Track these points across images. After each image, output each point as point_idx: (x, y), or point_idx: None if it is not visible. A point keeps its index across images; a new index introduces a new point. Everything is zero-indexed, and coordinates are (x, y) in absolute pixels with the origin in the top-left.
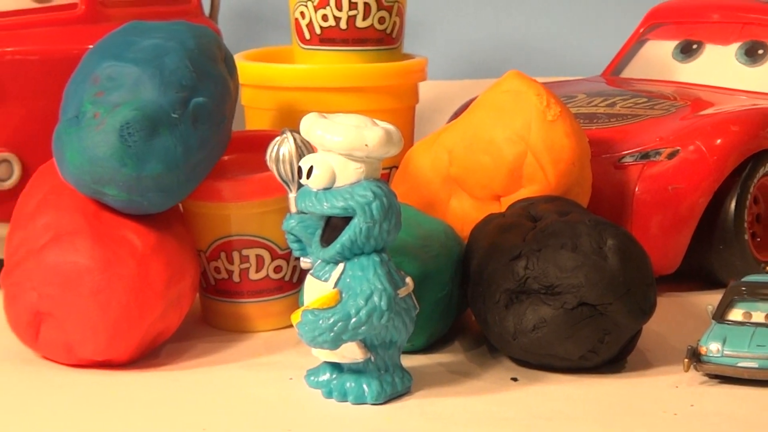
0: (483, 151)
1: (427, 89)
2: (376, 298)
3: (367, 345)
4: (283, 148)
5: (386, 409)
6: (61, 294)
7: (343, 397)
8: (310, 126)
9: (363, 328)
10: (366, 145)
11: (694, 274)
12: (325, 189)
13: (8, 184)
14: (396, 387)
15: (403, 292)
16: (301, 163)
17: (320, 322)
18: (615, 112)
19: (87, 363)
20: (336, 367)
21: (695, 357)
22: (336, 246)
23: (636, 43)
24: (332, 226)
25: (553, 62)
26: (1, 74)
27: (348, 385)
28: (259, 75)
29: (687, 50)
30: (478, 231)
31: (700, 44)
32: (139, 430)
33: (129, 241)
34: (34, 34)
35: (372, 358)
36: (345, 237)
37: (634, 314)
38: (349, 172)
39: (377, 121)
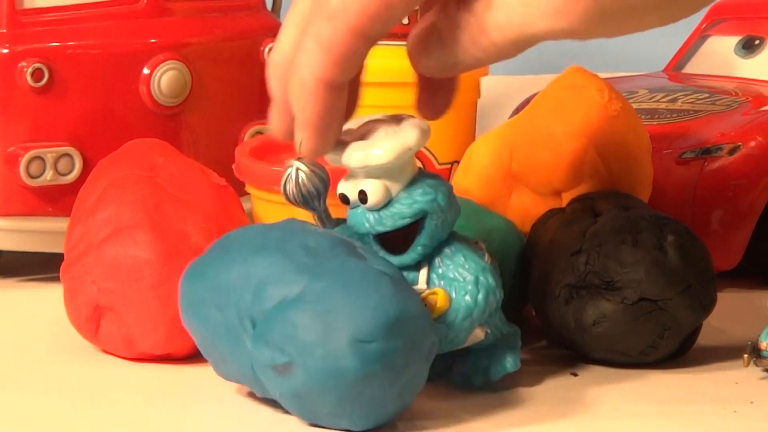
0: (543, 146)
1: (489, 85)
2: (482, 278)
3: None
4: (294, 186)
5: (440, 402)
6: (121, 288)
7: (486, 376)
8: (348, 158)
9: (486, 311)
10: (410, 149)
11: (755, 270)
12: (385, 206)
13: (69, 178)
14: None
15: (488, 259)
16: (342, 191)
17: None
18: (676, 108)
19: (147, 357)
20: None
21: (755, 353)
22: (417, 249)
23: (698, 38)
24: (393, 235)
25: (614, 58)
26: (63, 69)
27: (484, 363)
28: None
29: (749, 46)
30: (539, 226)
31: (763, 40)
32: (201, 423)
33: (189, 236)
34: (96, 28)
35: (488, 331)
36: (423, 238)
37: (694, 310)
38: (399, 178)
39: (396, 115)
